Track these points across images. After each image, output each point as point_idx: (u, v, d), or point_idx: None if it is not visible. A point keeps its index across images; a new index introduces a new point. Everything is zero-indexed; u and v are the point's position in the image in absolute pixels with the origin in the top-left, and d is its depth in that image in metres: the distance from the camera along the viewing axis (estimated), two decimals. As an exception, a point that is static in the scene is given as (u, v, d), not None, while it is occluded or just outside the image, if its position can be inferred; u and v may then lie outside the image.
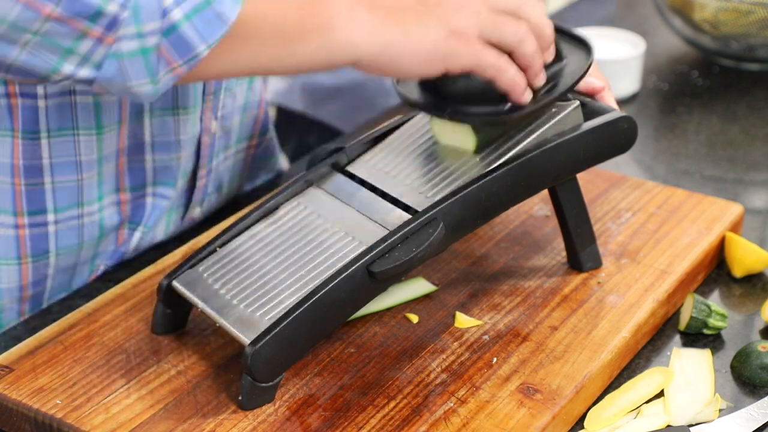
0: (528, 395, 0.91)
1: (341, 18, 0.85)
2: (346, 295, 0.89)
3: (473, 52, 0.87)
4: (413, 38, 0.86)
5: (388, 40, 0.86)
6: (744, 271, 1.11)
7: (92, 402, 0.90)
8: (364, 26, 0.86)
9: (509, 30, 0.88)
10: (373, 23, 0.86)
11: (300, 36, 0.85)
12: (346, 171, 1.01)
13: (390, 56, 0.86)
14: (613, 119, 1.00)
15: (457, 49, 0.87)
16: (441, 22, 0.87)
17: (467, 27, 0.87)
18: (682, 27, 1.64)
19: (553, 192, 1.03)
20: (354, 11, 0.86)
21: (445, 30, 0.86)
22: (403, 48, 0.86)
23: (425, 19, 0.87)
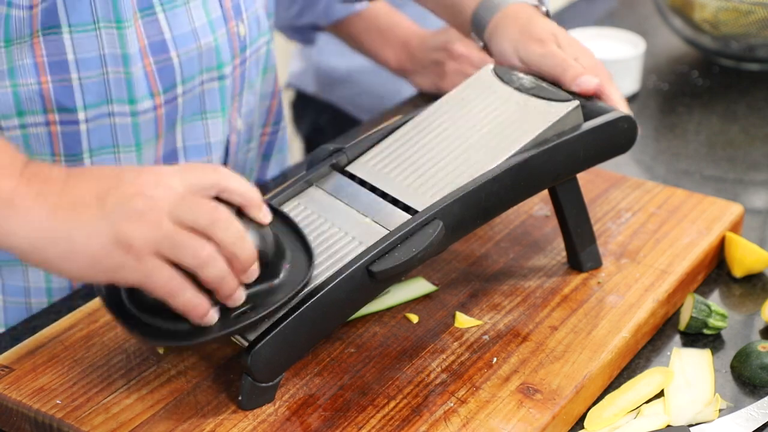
0: (528, 395, 0.91)
1: (4, 206, 0.76)
2: (346, 295, 0.89)
3: (141, 269, 0.77)
4: (78, 241, 0.76)
5: (50, 237, 0.76)
6: (744, 271, 1.11)
7: (92, 402, 0.90)
8: (27, 216, 0.76)
9: (189, 251, 0.77)
10: (37, 215, 0.76)
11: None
12: (346, 171, 1.01)
13: (52, 254, 0.77)
14: (612, 119, 1.00)
15: (123, 262, 0.76)
16: (112, 229, 0.76)
17: (139, 240, 0.76)
18: (682, 27, 1.64)
19: (553, 192, 1.03)
20: (19, 197, 0.77)
21: (114, 239, 0.76)
22: (66, 247, 0.76)
23: (96, 222, 0.76)
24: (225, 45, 1.10)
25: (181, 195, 0.78)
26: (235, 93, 1.14)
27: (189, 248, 0.77)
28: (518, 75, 1.05)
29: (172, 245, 0.77)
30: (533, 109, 1.01)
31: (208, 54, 1.08)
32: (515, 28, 1.09)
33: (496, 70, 1.07)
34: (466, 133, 1.00)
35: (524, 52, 1.07)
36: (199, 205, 0.78)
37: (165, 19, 1.04)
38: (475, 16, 1.14)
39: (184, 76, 1.06)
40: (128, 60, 1.02)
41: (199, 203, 0.78)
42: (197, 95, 1.09)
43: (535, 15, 1.10)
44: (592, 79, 1.03)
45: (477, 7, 1.13)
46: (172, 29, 1.04)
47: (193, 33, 1.06)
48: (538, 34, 1.07)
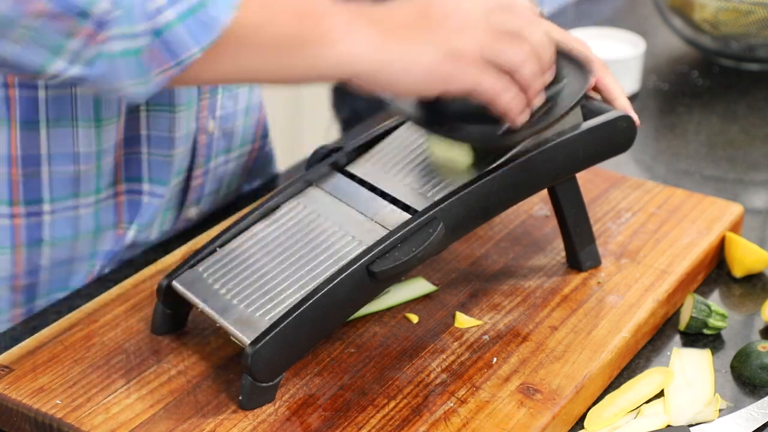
0: (528, 395, 0.91)
1: (341, 32, 0.84)
2: (346, 295, 0.89)
3: (472, 75, 0.86)
4: (412, 57, 0.85)
5: (387, 58, 0.84)
6: (744, 271, 1.11)
7: (92, 402, 0.90)
8: (364, 42, 0.84)
9: (510, 52, 0.86)
10: (373, 40, 0.84)
11: (297, 47, 0.83)
12: (345, 171, 1.01)
13: (388, 74, 0.85)
14: (612, 119, 1.00)
15: (455, 70, 0.85)
16: (441, 42, 0.85)
17: (467, 48, 0.85)
18: (682, 27, 1.64)
19: (552, 192, 1.03)
20: (354, 26, 0.84)
21: (445, 50, 0.85)
22: (401, 67, 0.85)
23: (425, 39, 0.85)
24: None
25: (487, 9, 0.87)
26: (204, 89, 1.12)
27: (510, 49, 0.86)
28: None
29: (495, 49, 0.86)
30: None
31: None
32: None
33: None
34: None
35: None
36: (510, 11, 0.88)
37: None
38: None
39: None
40: None
41: (509, 11, 0.88)
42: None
43: None
44: None
45: None
46: None
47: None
48: None
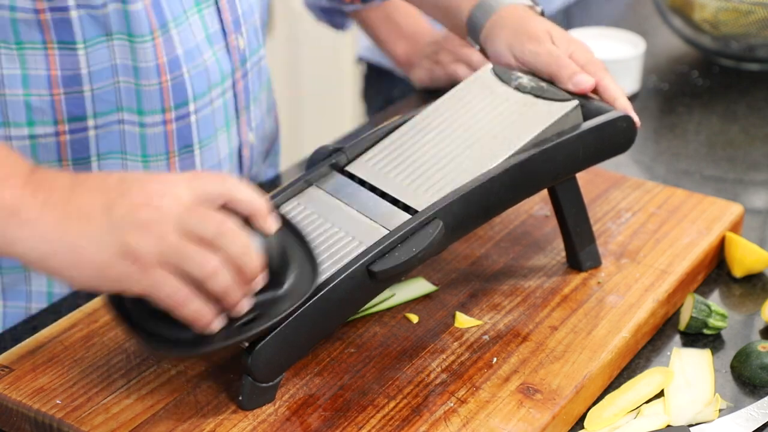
0: (528, 395, 0.91)
1: (5, 210, 0.76)
2: (347, 294, 0.89)
3: (147, 280, 0.77)
4: (84, 252, 0.76)
5: (57, 247, 0.76)
6: (744, 271, 1.11)
7: (92, 402, 0.90)
8: (33, 226, 0.76)
9: (195, 263, 0.77)
10: (44, 225, 0.76)
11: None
12: (345, 171, 1.01)
13: (57, 264, 0.77)
14: (612, 119, 1.00)
15: (129, 273, 0.76)
16: (117, 240, 0.76)
17: (145, 251, 0.76)
18: (682, 27, 1.64)
19: (552, 191, 1.03)
20: (24, 207, 0.76)
21: (120, 250, 0.76)
22: (70, 260, 0.76)
23: (102, 233, 0.76)
24: (224, 59, 1.10)
25: (187, 206, 0.77)
26: (241, 107, 1.14)
27: (195, 260, 0.77)
28: (517, 75, 1.05)
29: (178, 257, 0.77)
30: (532, 108, 1.01)
31: (213, 69, 1.08)
32: (510, 28, 1.09)
33: (495, 70, 1.07)
34: (465, 133, 1.00)
35: (519, 51, 1.07)
36: (206, 216, 0.78)
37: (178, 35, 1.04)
38: (470, 20, 1.14)
39: (195, 93, 1.06)
40: (138, 72, 1.02)
41: (205, 215, 0.78)
42: (209, 113, 1.09)
43: (530, 15, 1.10)
44: (588, 78, 1.03)
45: (472, 10, 1.13)
46: (183, 44, 1.04)
47: (197, 48, 1.06)
48: (533, 33, 1.07)
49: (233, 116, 1.13)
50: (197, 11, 1.06)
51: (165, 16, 1.02)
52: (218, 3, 1.09)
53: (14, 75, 1.00)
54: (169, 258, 0.76)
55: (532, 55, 1.06)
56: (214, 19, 1.08)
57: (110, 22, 0.99)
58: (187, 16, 1.05)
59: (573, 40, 1.08)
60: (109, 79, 1.02)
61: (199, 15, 1.06)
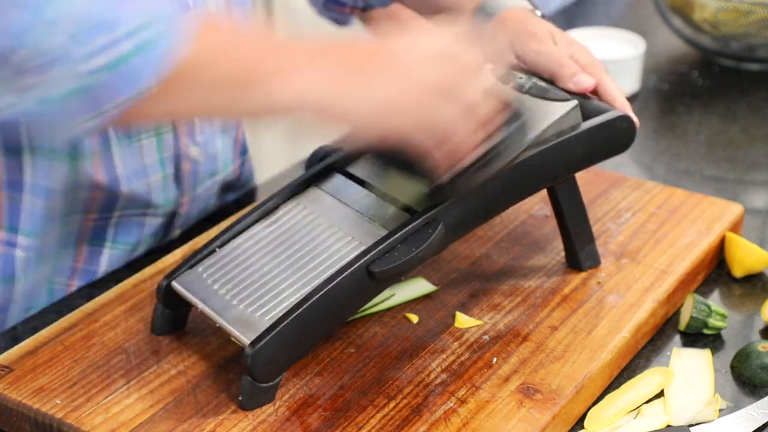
0: (528, 395, 0.91)
1: (294, 67, 0.83)
2: (346, 295, 0.89)
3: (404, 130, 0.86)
4: (356, 105, 0.85)
5: (338, 93, 0.84)
6: (744, 271, 1.11)
7: (92, 402, 0.90)
8: (316, 77, 0.84)
9: (441, 111, 0.86)
10: (325, 75, 0.84)
11: (251, 83, 0.83)
12: (344, 171, 1.01)
13: (338, 109, 0.85)
14: (611, 119, 1.00)
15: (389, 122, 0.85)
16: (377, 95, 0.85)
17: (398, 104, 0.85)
18: (682, 27, 1.64)
19: (552, 191, 1.03)
20: (306, 61, 0.84)
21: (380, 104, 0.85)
22: (351, 102, 0.85)
23: (364, 88, 0.85)
24: None
25: (425, 64, 0.86)
26: None
27: (437, 111, 0.85)
28: (516, 75, 1.06)
29: (423, 110, 0.85)
30: (532, 108, 1.01)
31: None
32: (512, 27, 1.09)
33: (494, 71, 1.07)
34: None
35: (520, 50, 1.07)
36: (441, 72, 0.86)
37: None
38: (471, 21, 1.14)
39: None
40: None
41: (440, 71, 0.86)
42: None
43: (531, 16, 1.10)
44: (588, 78, 1.03)
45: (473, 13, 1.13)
46: None
47: None
48: (535, 33, 1.07)
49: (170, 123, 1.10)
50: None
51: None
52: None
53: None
54: (415, 111, 0.85)
55: (534, 54, 1.06)
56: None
57: None
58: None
59: (574, 42, 1.08)
60: None
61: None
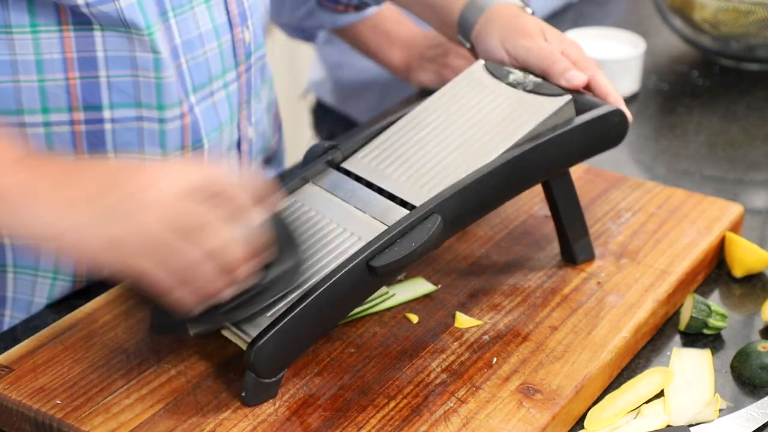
0: (528, 395, 0.91)
1: (19, 192, 0.79)
2: (347, 290, 0.89)
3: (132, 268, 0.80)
4: (77, 239, 0.79)
5: (51, 232, 0.79)
6: (744, 271, 1.11)
7: (92, 402, 0.90)
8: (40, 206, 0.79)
9: (176, 256, 0.80)
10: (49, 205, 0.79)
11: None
12: (341, 168, 1.02)
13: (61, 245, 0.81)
14: (604, 113, 1.01)
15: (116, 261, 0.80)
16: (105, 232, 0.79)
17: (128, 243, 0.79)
18: (682, 27, 1.64)
19: (546, 185, 1.04)
20: (34, 187, 0.79)
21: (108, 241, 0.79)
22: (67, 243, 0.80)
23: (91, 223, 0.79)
24: (229, 51, 1.10)
25: (173, 199, 0.79)
26: (242, 101, 1.14)
27: (176, 253, 0.79)
28: (509, 70, 1.06)
29: (161, 249, 0.79)
30: (526, 104, 1.01)
31: (213, 60, 1.08)
32: (502, 25, 1.09)
33: (488, 66, 1.07)
34: (459, 129, 1.01)
35: (511, 46, 1.07)
36: (189, 210, 0.79)
37: (176, 24, 1.04)
38: (461, 18, 1.14)
39: (194, 84, 1.06)
40: (159, 64, 1.01)
41: (189, 208, 0.79)
42: (210, 105, 1.09)
43: (522, 13, 1.11)
44: (580, 74, 1.03)
45: (463, 9, 1.14)
46: (182, 35, 1.04)
47: (199, 38, 1.06)
48: (526, 29, 1.07)
49: (236, 110, 1.13)
50: (204, 1, 1.06)
51: (164, 5, 1.02)
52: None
53: (28, 60, 0.99)
54: (152, 250, 0.79)
55: (525, 50, 1.06)
56: (221, 10, 1.08)
57: (105, 19, 0.99)
58: (192, 6, 1.04)
59: (565, 38, 1.08)
60: (125, 69, 1.01)
61: (206, 5, 1.06)
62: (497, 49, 1.09)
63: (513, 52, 1.07)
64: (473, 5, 1.13)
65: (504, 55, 1.08)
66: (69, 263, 0.84)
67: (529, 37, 1.07)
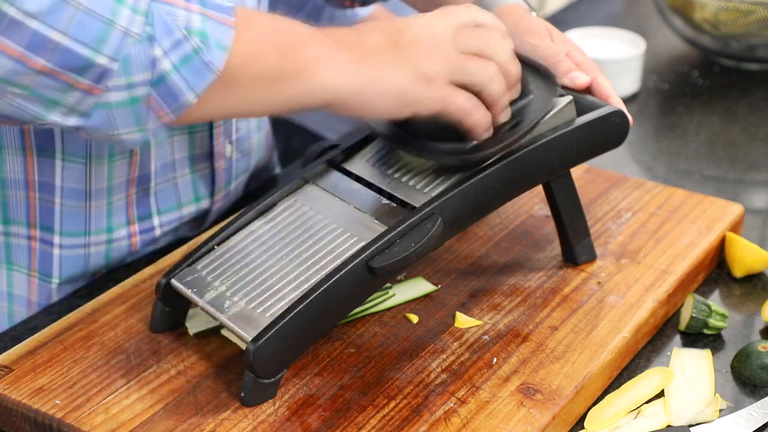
0: (528, 395, 0.91)
1: (319, 62, 0.86)
2: (347, 290, 0.89)
3: (441, 97, 0.89)
4: (384, 82, 0.88)
5: (362, 83, 0.87)
6: (744, 271, 1.11)
7: (92, 402, 0.90)
8: (340, 70, 0.87)
9: (477, 72, 0.89)
10: (348, 67, 0.87)
11: (281, 80, 0.86)
12: (341, 168, 1.02)
13: (361, 99, 0.88)
14: (605, 114, 1.01)
15: (426, 93, 0.88)
16: (412, 67, 0.88)
17: (437, 72, 0.88)
18: (682, 27, 1.64)
19: (547, 186, 1.04)
20: (331, 55, 0.87)
21: (416, 74, 0.88)
22: (374, 91, 0.88)
23: (396, 64, 0.88)
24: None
25: (455, 29, 0.90)
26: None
27: (478, 69, 0.89)
28: None
29: (463, 70, 0.89)
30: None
31: None
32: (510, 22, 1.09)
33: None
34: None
35: (518, 42, 1.07)
36: (474, 33, 0.91)
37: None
38: None
39: None
40: None
41: (473, 32, 0.91)
42: None
43: (528, 13, 1.11)
44: (583, 75, 1.04)
45: None
46: None
47: None
48: (533, 28, 1.08)
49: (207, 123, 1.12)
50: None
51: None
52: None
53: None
54: (454, 73, 0.89)
55: (531, 48, 1.06)
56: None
57: None
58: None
59: (569, 41, 1.09)
60: None
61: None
62: None
63: (519, 49, 1.07)
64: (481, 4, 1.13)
65: None
66: None
67: (537, 36, 1.07)
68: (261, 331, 0.87)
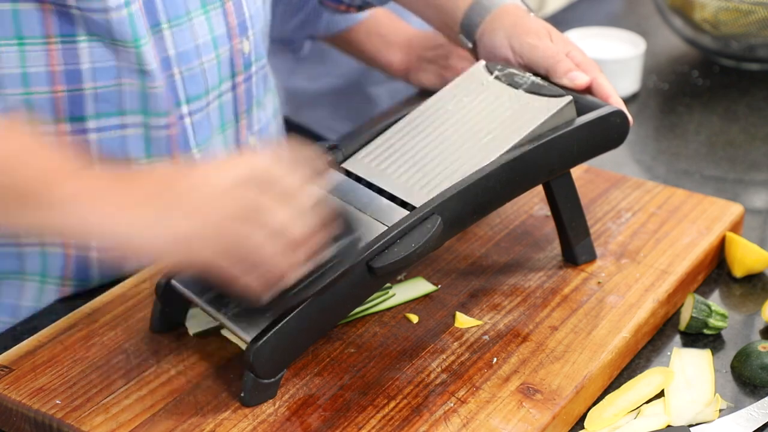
0: (528, 395, 0.91)
1: (82, 196, 0.81)
2: (347, 290, 0.89)
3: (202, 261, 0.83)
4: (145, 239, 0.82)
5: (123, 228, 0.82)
6: (744, 271, 1.11)
7: (92, 402, 0.90)
8: (102, 209, 0.81)
9: (245, 235, 0.82)
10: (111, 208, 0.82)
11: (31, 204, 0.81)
12: (342, 168, 1.02)
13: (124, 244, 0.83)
14: (605, 114, 1.01)
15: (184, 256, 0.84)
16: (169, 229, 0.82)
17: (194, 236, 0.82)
18: (682, 27, 1.64)
19: (547, 186, 1.04)
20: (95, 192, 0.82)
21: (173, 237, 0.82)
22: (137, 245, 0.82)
23: (155, 222, 0.82)
24: (227, 62, 1.10)
25: (227, 191, 0.82)
26: (242, 110, 1.14)
27: (239, 238, 0.82)
28: (510, 71, 1.06)
29: (223, 239, 0.82)
30: (527, 104, 1.01)
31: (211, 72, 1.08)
32: (510, 22, 1.09)
33: (489, 67, 1.07)
34: (460, 129, 1.01)
35: (517, 44, 1.07)
36: (244, 196, 0.82)
37: (171, 36, 1.04)
38: (465, 17, 1.14)
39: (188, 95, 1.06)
40: (143, 76, 1.02)
41: (243, 195, 0.82)
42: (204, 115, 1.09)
43: (527, 14, 1.11)
44: (583, 75, 1.04)
45: (468, 9, 1.14)
46: (177, 46, 1.04)
47: (195, 50, 1.06)
48: (532, 28, 1.08)
49: (231, 119, 1.13)
50: (203, 12, 1.06)
51: (158, 17, 1.02)
52: (224, 5, 1.09)
53: (14, 74, 1.00)
54: (215, 240, 0.82)
55: (531, 48, 1.06)
56: (221, 21, 1.08)
57: (94, 27, 0.99)
58: (190, 18, 1.05)
59: (569, 41, 1.09)
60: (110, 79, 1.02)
61: (205, 16, 1.06)
62: (502, 46, 1.09)
63: (518, 49, 1.07)
64: (479, 5, 1.13)
65: (509, 52, 1.08)
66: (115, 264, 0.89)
67: (536, 36, 1.07)
68: (261, 331, 0.87)
